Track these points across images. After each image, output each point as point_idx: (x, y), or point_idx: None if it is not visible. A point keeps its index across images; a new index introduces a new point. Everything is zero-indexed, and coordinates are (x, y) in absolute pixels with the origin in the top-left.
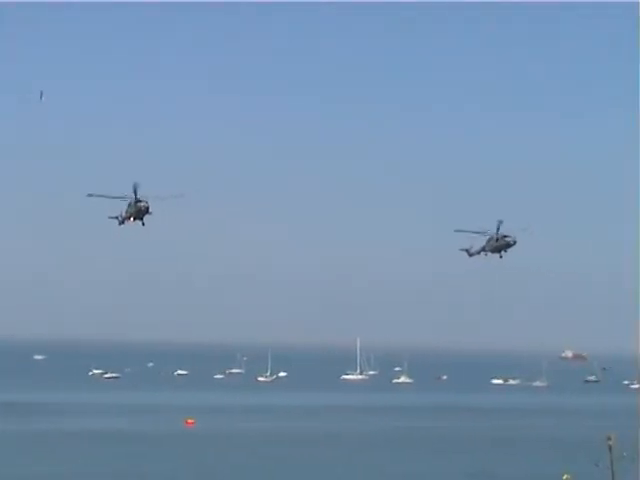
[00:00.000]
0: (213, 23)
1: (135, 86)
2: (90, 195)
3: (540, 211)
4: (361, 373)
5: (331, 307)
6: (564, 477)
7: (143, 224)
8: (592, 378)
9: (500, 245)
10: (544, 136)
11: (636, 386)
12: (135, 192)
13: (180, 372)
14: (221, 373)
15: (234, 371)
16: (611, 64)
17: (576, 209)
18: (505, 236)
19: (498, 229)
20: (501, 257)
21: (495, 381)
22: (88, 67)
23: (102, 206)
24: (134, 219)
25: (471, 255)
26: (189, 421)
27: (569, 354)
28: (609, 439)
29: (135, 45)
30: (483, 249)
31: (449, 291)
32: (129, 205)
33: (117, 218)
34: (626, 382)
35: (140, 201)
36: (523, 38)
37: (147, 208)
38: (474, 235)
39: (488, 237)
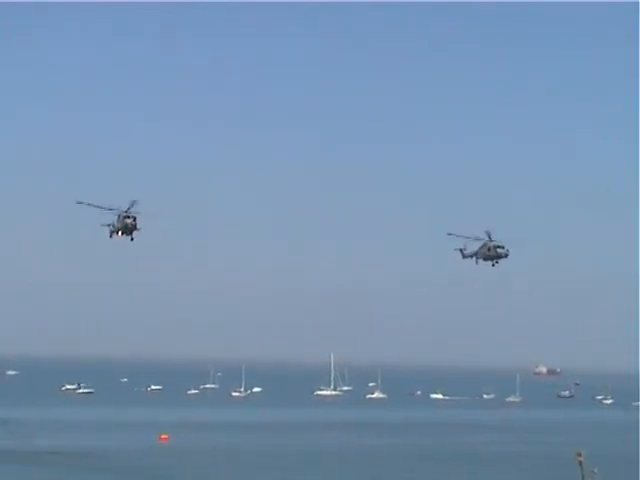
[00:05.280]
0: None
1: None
2: (80, 203)
3: (524, 228)
4: (335, 389)
5: (305, 323)
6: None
7: (132, 239)
8: (565, 393)
9: (492, 255)
10: (540, 150)
11: (609, 401)
12: (129, 208)
13: (154, 387)
14: (195, 388)
15: (208, 386)
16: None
17: (561, 223)
18: (499, 246)
19: (490, 237)
20: (493, 266)
21: (434, 396)
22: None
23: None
24: (122, 234)
25: (465, 257)
26: (163, 436)
27: (543, 369)
28: (579, 455)
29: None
30: (475, 254)
31: (423, 309)
32: (118, 218)
33: (109, 226)
34: (599, 397)
35: (128, 217)
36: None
37: (135, 225)
38: (467, 240)
39: (482, 243)
